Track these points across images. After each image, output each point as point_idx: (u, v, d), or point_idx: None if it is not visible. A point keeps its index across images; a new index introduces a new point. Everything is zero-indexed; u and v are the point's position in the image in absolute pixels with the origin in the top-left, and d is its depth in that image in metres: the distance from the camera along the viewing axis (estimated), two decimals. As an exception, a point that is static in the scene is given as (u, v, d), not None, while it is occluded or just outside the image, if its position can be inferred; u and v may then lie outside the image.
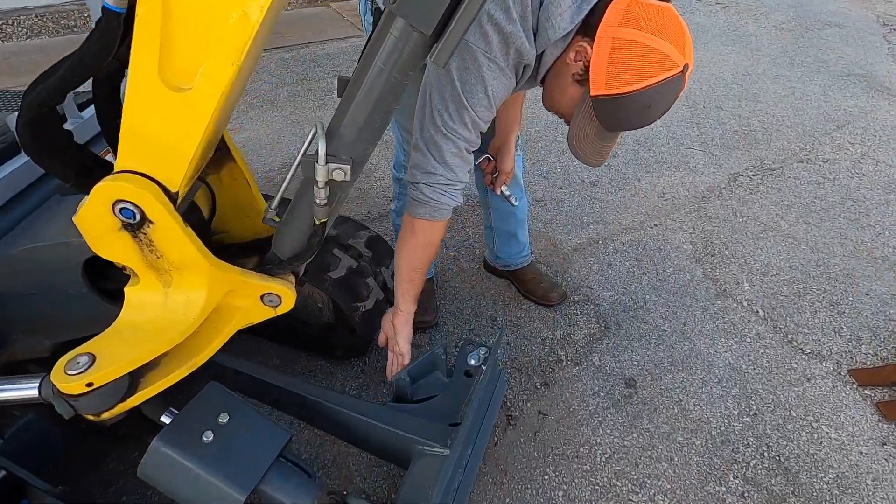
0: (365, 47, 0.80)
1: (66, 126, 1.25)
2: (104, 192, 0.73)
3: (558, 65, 1.05)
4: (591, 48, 0.96)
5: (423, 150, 1.11)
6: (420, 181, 1.14)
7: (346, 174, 0.80)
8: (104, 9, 0.63)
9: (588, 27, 0.98)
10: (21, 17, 3.87)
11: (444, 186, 1.14)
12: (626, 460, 1.48)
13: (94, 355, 0.82)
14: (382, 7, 1.22)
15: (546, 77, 1.10)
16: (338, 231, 1.56)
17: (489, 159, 1.61)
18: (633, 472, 1.45)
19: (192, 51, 0.67)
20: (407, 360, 1.31)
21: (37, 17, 3.93)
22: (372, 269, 1.53)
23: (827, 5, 5.30)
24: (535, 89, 1.23)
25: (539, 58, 1.06)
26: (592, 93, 0.97)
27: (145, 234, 0.78)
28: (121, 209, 0.75)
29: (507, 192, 1.63)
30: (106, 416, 0.85)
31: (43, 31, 3.96)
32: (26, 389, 0.89)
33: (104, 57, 0.68)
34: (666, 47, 0.92)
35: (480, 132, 1.12)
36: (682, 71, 0.93)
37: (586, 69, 0.98)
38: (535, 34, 1.02)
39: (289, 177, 0.84)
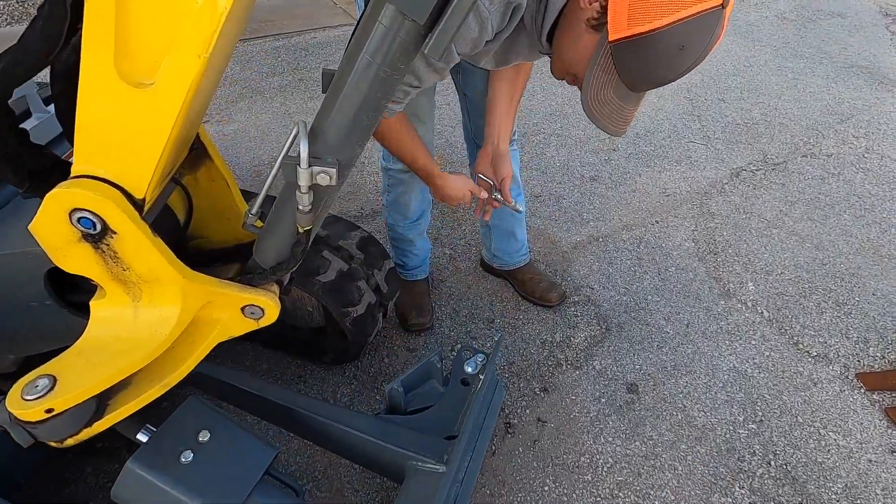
0: (351, 37, 0.72)
1: (30, 122, 1.16)
2: (58, 199, 0.65)
3: (568, 12, 0.91)
4: None
5: None
6: None
7: (331, 178, 0.72)
8: (47, -8, 0.56)
9: None
10: (1, 3, 3.73)
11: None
12: (628, 470, 1.43)
13: (54, 377, 0.75)
14: None
15: (555, 34, 0.95)
16: (328, 232, 1.48)
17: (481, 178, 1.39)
18: (636, 483, 1.40)
19: (152, 41, 0.59)
20: (475, 190, 1.32)
21: (18, 2, 3.79)
22: (364, 271, 1.46)
23: (829, -6, 5.21)
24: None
25: (544, 2, 0.93)
26: (611, 37, 0.82)
27: (108, 245, 0.70)
28: (79, 218, 0.67)
29: (513, 202, 1.39)
30: (70, 442, 0.78)
31: (24, 17, 3.83)
32: (-21, 415, 0.81)
33: (50, 48, 0.60)
34: None
35: (437, 79, 1.04)
36: (721, 4, 0.77)
37: (603, 10, 0.83)
38: None
39: (269, 180, 0.77)
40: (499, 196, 1.37)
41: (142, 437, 0.94)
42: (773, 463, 1.46)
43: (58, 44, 0.59)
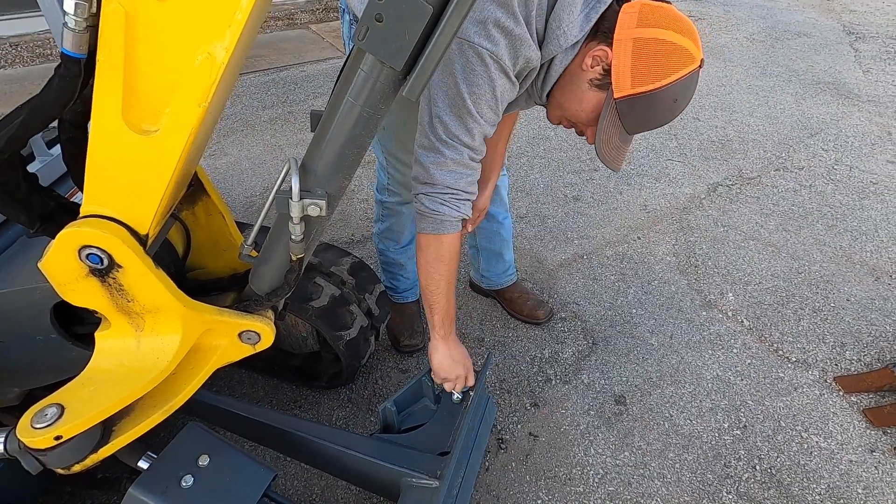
0: (336, 83, 0.79)
1: (34, 165, 1.22)
2: (69, 238, 0.71)
3: (570, 73, 1.03)
4: (611, 51, 0.96)
5: (423, 159, 1.06)
6: (420, 192, 1.08)
7: (321, 209, 0.79)
8: (62, 55, 0.62)
9: (600, 33, 0.98)
10: (-6, 47, 3.82)
11: (445, 196, 1.07)
12: (618, 480, 1.47)
13: (62, 406, 0.79)
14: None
15: (553, 90, 1.07)
16: (320, 258, 1.54)
17: None
18: (627, 492, 1.44)
19: (156, 93, 0.66)
20: (471, 379, 1.26)
21: (11, 45, 3.88)
22: (356, 296, 1.51)
23: (795, 16, 5.46)
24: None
25: (547, 67, 1.04)
26: (617, 95, 0.96)
27: (114, 278, 0.76)
28: (87, 255, 0.72)
29: (470, 230, 1.44)
30: (77, 468, 0.82)
31: (17, 61, 3.91)
32: (-10, 444, 0.85)
33: (65, 102, 0.66)
34: (685, 42, 0.93)
35: (484, 137, 1.07)
36: (699, 65, 0.95)
37: (606, 73, 0.98)
38: (541, 42, 1.01)
39: (263, 213, 0.83)
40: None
41: (143, 464, 0.97)
42: (758, 467, 1.50)
43: (72, 98, 0.66)
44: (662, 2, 0.97)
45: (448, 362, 1.22)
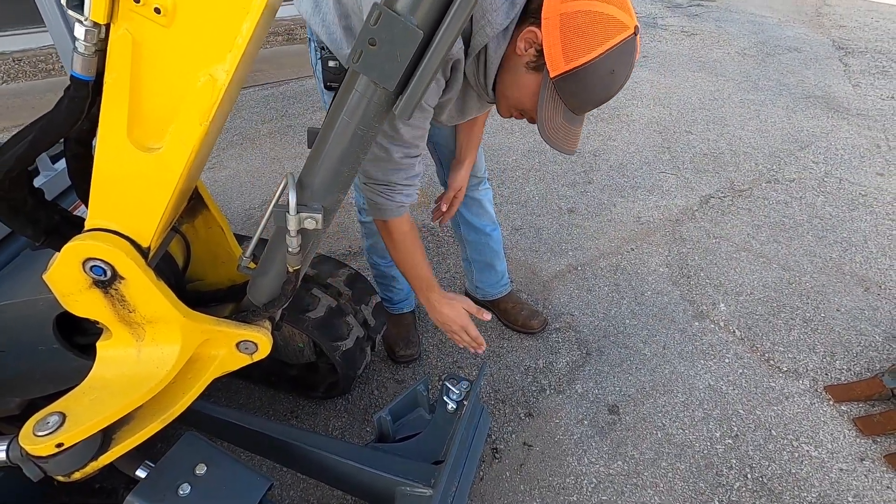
0: (331, 102, 0.82)
1: (38, 180, 1.25)
2: (74, 251, 0.74)
3: (507, 60, 1.04)
4: (540, 31, 0.95)
5: (371, 159, 1.14)
6: (362, 183, 1.19)
7: (317, 223, 0.82)
8: (72, 77, 0.65)
9: (529, 14, 0.98)
10: (-2, 61, 3.87)
11: (381, 188, 1.17)
12: (612, 489, 1.48)
13: (64, 414, 0.81)
14: (333, 63, 1.25)
15: (496, 82, 1.08)
16: (317, 270, 1.57)
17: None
18: (620, 501, 1.45)
19: (160, 113, 0.69)
20: (471, 330, 1.33)
21: (14, 61, 3.93)
22: (352, 307, 1.54)
23: (786, 31, 5.57)
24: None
25: (484, 57, 1.05)
26: (552, 74, 0.95)
27: (116, 289, 0.78)
28: (91, 267, 0.75)
29: (446, 210, 1.59)
30: (77, 475, 0.83)
31: (20, 76, 3.97)
32: (-7, 452, 0.87)
33: (73, 122, 0.70)
34: (613, 10, 0.91)
35: (420, 133, 1.12)
36: (633, 33, 0.93)
37: (539, 53, 0.97)
38: (469, 33, 1.02)
39: (261, 226, 0.86)
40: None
41: (140, 473, 0.99)
42: (749, 476, 1.52)
43: (80, 118, 0.69)
44: None
45: (441, 320, 1.33)
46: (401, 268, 1.31)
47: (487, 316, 1.32)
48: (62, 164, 1.35)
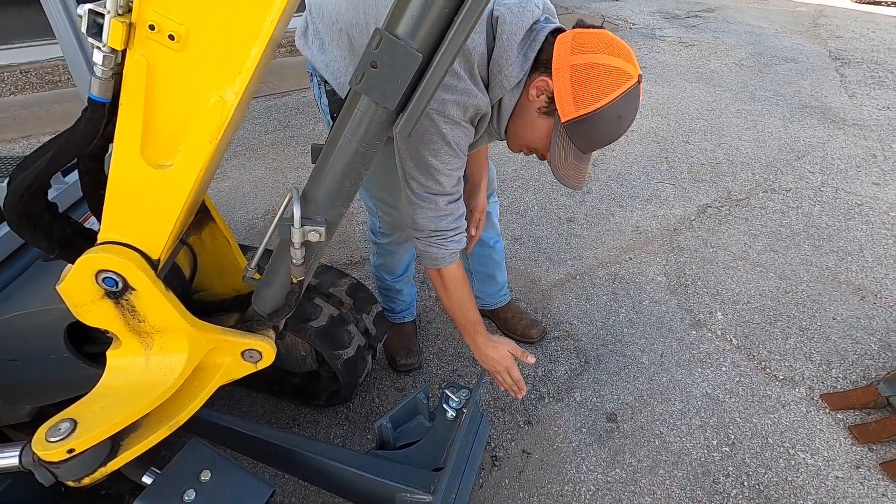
0: (335, 121, 0.86)
1: (51, 193, 1.29)
2: (88, 263, 0.77)
3: (520, 106, 1.13)
4: (552, 80, 1.04)
5: (408, 211, 1.20)
6: (413, 237, 1.24)
7: (321, 235, 0.85)
8: (89, 100, 0.69)
9: (540, 65, 1.07)
10: (5, 73, 3.94)
11: (433, 239, 1.22)
12: (610, 497, 1.50)
13: (75, 421, 0.84)
14: (338, 91, 1.30)
15: (508, 124, 1.17)
16: (319, 280, 1.60)
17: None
18: (618, 509, 1.47)
19: (172, 132, 0.72)
20: (514, 372, 1.37)
21: (21, 73, 4.00)
22: (353, 316, 1.56)
23: (782, 42, 5.63)
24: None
25: (497, 107, 1.14)
26: (563, 119, 1.04)
27: (127, 300, 0.81)
28: (104, 278, 0.78)
29: (473, 233, 1.61)
30: (87, 481, 0.86)
31: (28, 87, 4.03)
32: (6, 458, 0.89)
33: (90, 141, 0.73)
34: (619, 62, 1.01)
35: (457, 180, 1.19)
36: (637, 81, 1.02)
37: (550, 100, 1.06)
38: (486, 87, 1.11)
39: (266, 238, 0.89)
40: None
41: (147, 479, 1.01)
42: (746, 484, 1.53)
43: (95, 137, 0.73)
44: (595, 28, 1.05)
45: (486, 362, 1.37)
46: (452, 313, 1.35)
47: (532, 359, 1.36)
48: (72, 177, 1.38)
